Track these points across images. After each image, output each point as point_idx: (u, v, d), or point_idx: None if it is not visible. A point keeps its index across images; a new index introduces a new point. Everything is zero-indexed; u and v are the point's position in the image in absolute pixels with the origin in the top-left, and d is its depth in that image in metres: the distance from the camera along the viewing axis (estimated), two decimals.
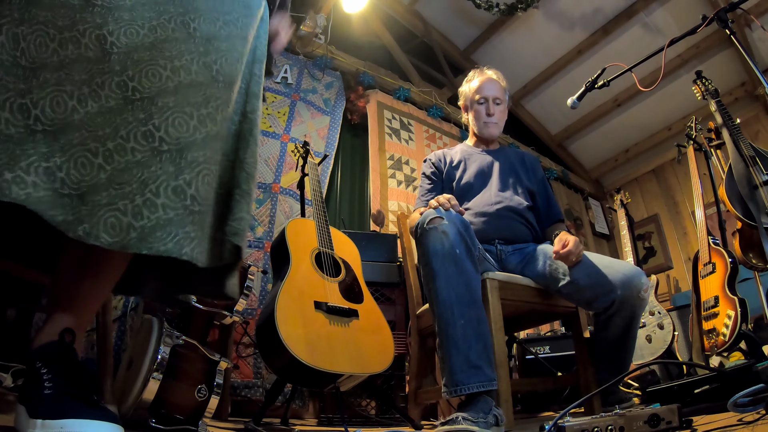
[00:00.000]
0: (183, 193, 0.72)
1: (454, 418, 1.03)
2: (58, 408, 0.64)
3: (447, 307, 1.18)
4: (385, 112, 3.73)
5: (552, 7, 3.85)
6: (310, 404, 2.42)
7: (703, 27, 1.50)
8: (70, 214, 0.65)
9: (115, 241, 0.66)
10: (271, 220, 2.79)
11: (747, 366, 1.05)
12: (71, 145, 0.67)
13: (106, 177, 0.68)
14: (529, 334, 3.00)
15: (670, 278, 4.51)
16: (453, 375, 1.15)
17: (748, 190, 1.62)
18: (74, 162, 0.67)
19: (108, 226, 0.66)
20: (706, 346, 2.03)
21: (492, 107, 1.76)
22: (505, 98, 1.82)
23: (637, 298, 1.33)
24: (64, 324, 0.72)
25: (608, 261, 1.40)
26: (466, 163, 1.77)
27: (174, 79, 0.75)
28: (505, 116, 1.83)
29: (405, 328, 2.23)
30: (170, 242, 0.70)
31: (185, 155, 0.73)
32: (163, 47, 0.76)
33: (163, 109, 0.73)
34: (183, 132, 0.74)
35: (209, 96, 0.79)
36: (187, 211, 0.72)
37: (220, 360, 1.26)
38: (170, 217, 0.70)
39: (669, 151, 4.48)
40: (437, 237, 1.22)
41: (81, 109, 0.69)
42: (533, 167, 1.83)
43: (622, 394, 1.38)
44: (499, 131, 1.81)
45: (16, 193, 0.62)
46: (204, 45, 0.80)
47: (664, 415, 0.81)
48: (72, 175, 0.66)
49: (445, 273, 1.19)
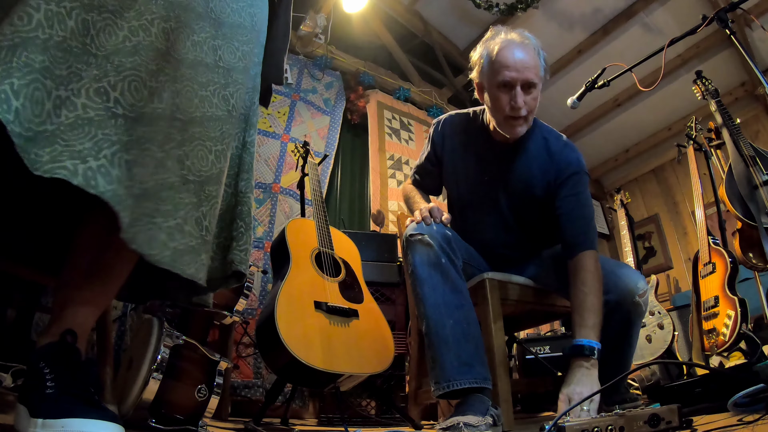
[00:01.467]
0: (200, 224, 0.75)
1: (455, 425, 1.01)
2: (59, 407, 0.63)
3: (435, 310, 1.18)
4: (385, 112, 3.73)
5: (552, 7, 3.85)
6: (310, 404, 2.42)
7: (703, 27, 1.50)
8: (127, 216, 0.63)
9: (153, 254, 0.66)
10: (271, 220, 2.79)
11: (747, 366, 1.05)
12: (146, 139, 0.66)
13: (152, 186, 0.68)
14: (529, 334, 3.00)
15: (670, 278, 4.50)
16: (444, 372, 1.14)
17: (748, 190, 1.62)
18: (142, 157, 0.66)
19: (148, 237, 0.66)
20: (706, 346, 2.03)
21: (519, 98, 1.24)
22: (540, 78, 1.29)
23: (632, 302, 1.24)
24: (66, 325, 0.72)
25: (604, 262, 1.34)
26: (474, 164, 1.44)
27: (201, 109, 0.76)
28: (536, 104, 1.31)
29: (405, 328, 2.23)
30: (193, 268, 0.73)
31: (204, 188, 0.76)
32: (197, 70, 0.76)
33: (191, 139, 0.74)
34: (203, 166, 0.75)
35: (225, 132, 0.80)
36: (202, 240, 0.75)
37: (220, 360, 1.26)
38: (193, 245, 0.73)
39: (669, 151, 4.47)
40: (421, 248, 1.23)
41: (160, 103, 0.69)
42: (560, 169, 1.35)
43: (628, 394, 1.35)
44: (527, 127, 1.33)
45: (103, 186, 0.60)
46: (224, 77, 0.81)
47: (664, 415, 0.80)
48: (137, 174, 0.65)
49: (431, 279, 1.21)
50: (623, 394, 1.32)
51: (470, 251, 1.46)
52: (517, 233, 1.46)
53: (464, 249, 1.41)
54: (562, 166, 1.36)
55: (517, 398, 2.46)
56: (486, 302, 1.35)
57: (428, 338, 1.19)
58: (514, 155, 1.40)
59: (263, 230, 2.75)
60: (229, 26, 0.83)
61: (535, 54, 1.28)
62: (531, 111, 1.30)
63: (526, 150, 1.40)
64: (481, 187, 1.44)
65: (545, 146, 1.41)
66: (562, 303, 1.55)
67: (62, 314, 0.74)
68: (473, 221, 1.49)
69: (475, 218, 1.48)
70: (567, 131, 4.96)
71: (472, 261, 1.44)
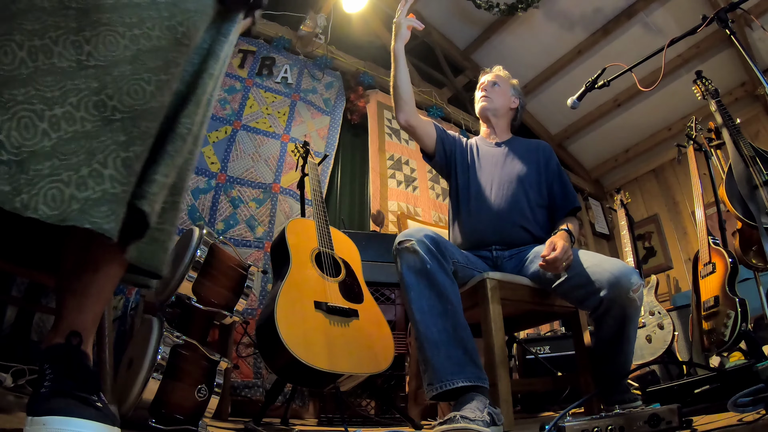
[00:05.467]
0: (129, 167, 0.66)
1: (451, 417, 1.03)
2: (48, 406, 0.63)
3: (422, 315, 1.22)
4: (385, 112, 3.73)
5: (552, 7, 3.85)
6: (310, 404, 2.43)
7: (703, 27, 1.50)
8: (6, 184, 0.58)
9: (54, 213, 0.60)
10: (271, 220, 2.79)
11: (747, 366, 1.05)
12: (15, 101, 0.60)
13: (50, 145, 0.62)
14: (529, 334, 3.00)
15: (670, 278, 4.50)
16: (437, 373, 1.16)
17: (748, 190, 1.62)
18: (17, 122, 0.60)
19: (48, 198, 0.60)
20: (706, 346, 2.03)
21: (487, 88, 1.79)
22: (506, 84, 1.82)
23: (626, 298, 1.25)
24: (69, 326, 0.72)
25: (598, 259, 1.35)
26: (474, 158, 1.73)
27: (132, 48, 0.70)
28: (502, 97, 1.80)
29: (405, 328, 2.23)
30: (113, 221, 0.63)
31: (138, 124, 0.68)
32: (123, 11, 0.71)
33: (118, 78, 0.67)
34: (138, 99, 0.68)
35: (170, 61, 0.74)
36: (130, 187, 0.66)
37: (220, 360, 1.26)
38: (115, 192, 0.64)
39: (669, 151, 4.47)
40: (407, 255, 1.28)
41: (30, 62, 0.62)
42: (546, 156, 1.74)
43: (628, 394, 1.34)
44: (491, 105, 1.78)
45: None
46: (168, 9, 0.76)
47: (664, 415, 0.81)
48: (12, 138, 0.59)
49: (417, 286, 1.25)
50: (623, 394, 1.32)
51: (464, 254, 1.47)
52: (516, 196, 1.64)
53: (456, 252, 1.42)
54: (542, 147, 1.80)
55: (517, 398, 2.46)
56: (486, 302, 1.35)
57: (418, 342, 1.22)
58: (507, 147, 1.77)
59: (263, 230, 2.75)
60: None
61: (501, 72, 1.85)
62: (495, 97, 1.79)
63: (515, 143, 1.80)
64: (481, 174, 1.71)
65: (527, 141, 1.84)
66: (562, 303, 1.55)
67: (62, 316, 0.73)
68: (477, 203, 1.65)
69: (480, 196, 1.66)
70: (567, 131, 4.97)
71: (468, 263, 1.45)
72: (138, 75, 0.69)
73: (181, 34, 0.75)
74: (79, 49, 0.66)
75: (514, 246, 1.58)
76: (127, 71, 0.69)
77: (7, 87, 0.61)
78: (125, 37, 0.70)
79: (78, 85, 0.65)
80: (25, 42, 0.63)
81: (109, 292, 0.80)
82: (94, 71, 0.67)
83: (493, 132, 1.81)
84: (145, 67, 0.70)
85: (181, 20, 0.76)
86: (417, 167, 3.71)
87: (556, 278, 1.34)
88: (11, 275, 1.54)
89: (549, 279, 1.40)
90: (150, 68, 0.71)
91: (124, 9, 0.71)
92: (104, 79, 0.67)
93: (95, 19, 0.68)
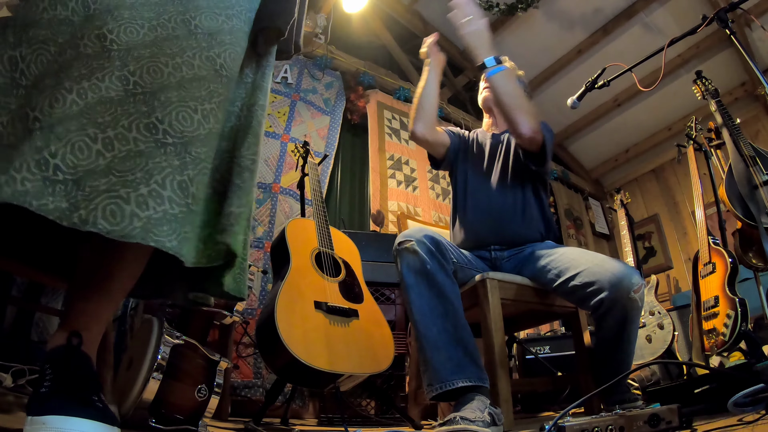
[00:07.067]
0: (185, 190, 0.69)
1: (451, 418, 1.03)
2: (47, 405, 0.63)
3: (422, 316, 1.22)
4: (385, 112, 3.73)
5: (552, 7, 3.85)
6: (310, 404, 2.43)
7: (703, 27, 1.50)
8: (64, 201, 0.61)
9: (115, 229, 0.61)
10: (271, 220, 2.79)
11: (747, 366, 1.05)
12: (68, 131, 0.64)
13: (105, 163, 0.64)
14: (529, 334, 3.00)
15: (670, 278, 4.51)
16: (437, 373, 1.16)
17: (748, 190, 1.62)
18: (70, 147, 0.63)
19: (107, 213, 0.61)
20: (706, 346, 2.03)
21: None
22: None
23: (628, 298, 1.24)
24: (71, 327, 0.72)
25: (599, 259, 1.35)
26: (474, 150, 1.73)
27: (176, 75, 0.73)
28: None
29: (405, 328, 2.23)
30: (174, 240, 0.66)
31: (190, 150, 0.71)
32: (163, 45, 0.75)
33: (165, 103, 0.71)
34: (187, 126, 0.71)
35: (213, 91, 0.77)
36: (188, 209, 0.69)
37: (220, 360, 1.26)
38: (174, 213, 0.67)
39: (669, 151, 4.48)
40: (408, 255, 1.28)
41: (80, 101, 0.66)
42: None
43: (628, 394, 1.34)
44: (491, 96, 1.72)
45: (5, 193, 0.58)
46: (207, 40, 0.79)
47: (664, 415, 0.81)
48: (68, 160, 0.62)
49: (417, 286, 1.25)
50: (623, 394, 1.32)
51: (464, 254, 1.47)
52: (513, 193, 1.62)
53: (456, 252, 1.42)
54: None
55: (517, 398, 2.46)
56: (486, 302, 1.35)
57: (418, 342, 1.23)
58: (504, 137, 1.74)
59: (263, 230, 2.75)
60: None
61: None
62: None
63: None
64: (479, 167, 1.70)
65: None
66: (562, 303, 1.55)
67: (69, 319, 0.74)
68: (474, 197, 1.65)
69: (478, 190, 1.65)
70: (567, 131, 4.97)
71: (468, 264, 1.45)
72: (184, 102, 0.73)
73: (219, 65, 0.79)
74: (125, 81, 0.70)
75: (514, 245, 1.57)
76: (174, 97, 0.72)
77: (61, 124, 0.64)
78: (168, 66, 0.74)
79: (128, 110, 0.68)
80: (74, 86, 0.67)
81: (119, 300, 0.81)
82: (142, 97, 0.70)
83: (495, 123, 1.80)
84: (190, 95, 0.74)
85: (219, 52, 0.80)
86: (417, 167, 3.71)
87: (556, 278, 1.35)
88: (11, 275, 1.54)
89: (549, 279, 1.40)
90: (195, 96, 0.74)
91: (164, 42, 0.75)
92: (152, 103, 0.70)
93: (137, 55, 0.72)
